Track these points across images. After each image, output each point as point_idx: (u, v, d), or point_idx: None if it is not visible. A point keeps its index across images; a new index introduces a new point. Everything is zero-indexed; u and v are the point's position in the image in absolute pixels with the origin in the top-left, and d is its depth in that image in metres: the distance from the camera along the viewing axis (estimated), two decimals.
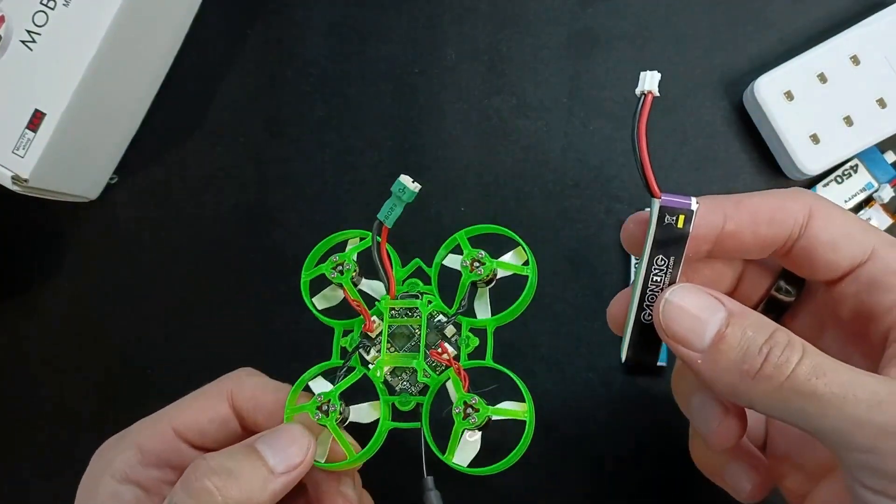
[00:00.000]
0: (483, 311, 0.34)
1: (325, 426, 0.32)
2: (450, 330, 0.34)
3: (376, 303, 0.35)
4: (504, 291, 0.35)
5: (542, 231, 0.47)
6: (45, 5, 0.40)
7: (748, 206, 0.29)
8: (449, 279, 0.34)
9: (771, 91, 0.44)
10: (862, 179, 0.46)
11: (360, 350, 0.34)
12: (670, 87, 0.48)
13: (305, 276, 0.36)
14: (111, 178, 0.48)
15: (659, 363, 0.45)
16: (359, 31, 0.49)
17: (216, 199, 0.49)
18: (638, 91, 0.27)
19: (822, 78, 0.44)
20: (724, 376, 0.27)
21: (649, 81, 0.27)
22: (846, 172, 0.46)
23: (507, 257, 0.34)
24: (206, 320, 0.47)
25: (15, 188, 0.40)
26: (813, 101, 0.44)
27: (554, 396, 0.46)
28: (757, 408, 0.27)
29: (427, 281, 0.35)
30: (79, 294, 0.48)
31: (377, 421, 0.33)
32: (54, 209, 0.48)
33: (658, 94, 0.27)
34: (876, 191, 0.46)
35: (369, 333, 0.34)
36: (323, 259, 0.36)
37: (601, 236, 0.47)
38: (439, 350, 0.33)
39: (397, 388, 0.34)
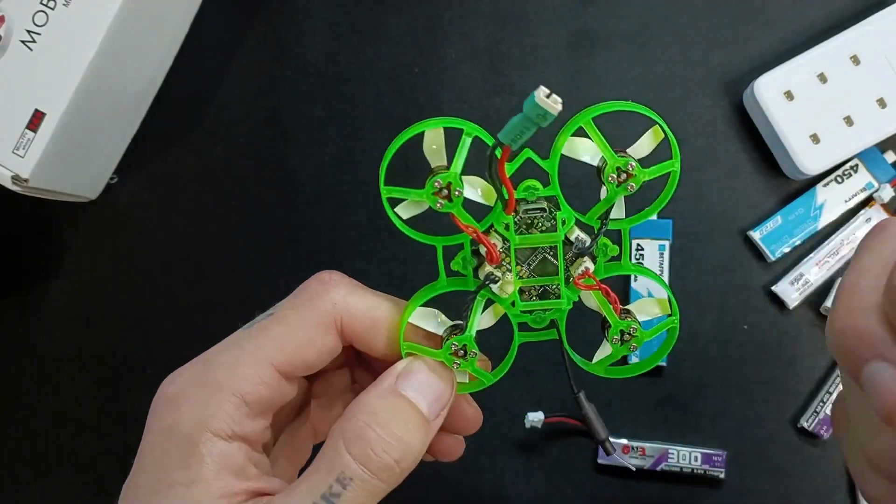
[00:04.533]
0: (615, 209, 0.29)
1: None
2: (578, 235, 0.29)
3: (493, 225, 0.28)
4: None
5: None
6: (45, 5, 0.40)
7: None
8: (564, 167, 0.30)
9: (771, 91, 0.44)
10: (862, 179, 0.46)
11: (489, 283, 0.28)
12: (670, 86, 0.48)
13: (386, 193, 0.29)
14: (111, 178, 0.48)
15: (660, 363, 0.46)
16: (359, 31, 0.49)
17: (216, 199, 0.49)
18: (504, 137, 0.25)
19: (823, 78, 0.44)
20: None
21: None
22: (846, 172, 0.46)
23: (642, 145, 0.29)
24: (206, 320, 0.47)
25: (15, 188, 0.40)
26: (813, 100, 0.44)
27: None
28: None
29: (541, 177, 0.29)
30: (78, 294, 0.48)
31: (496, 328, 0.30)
32: (54, 209, 0.48)
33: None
34: (876, 191, 0.46)
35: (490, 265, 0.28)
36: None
37: None
38: (582, 274, 0.28)
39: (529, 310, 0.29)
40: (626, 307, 0.29)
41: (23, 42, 0.40)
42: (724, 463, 0.45)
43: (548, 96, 0.25)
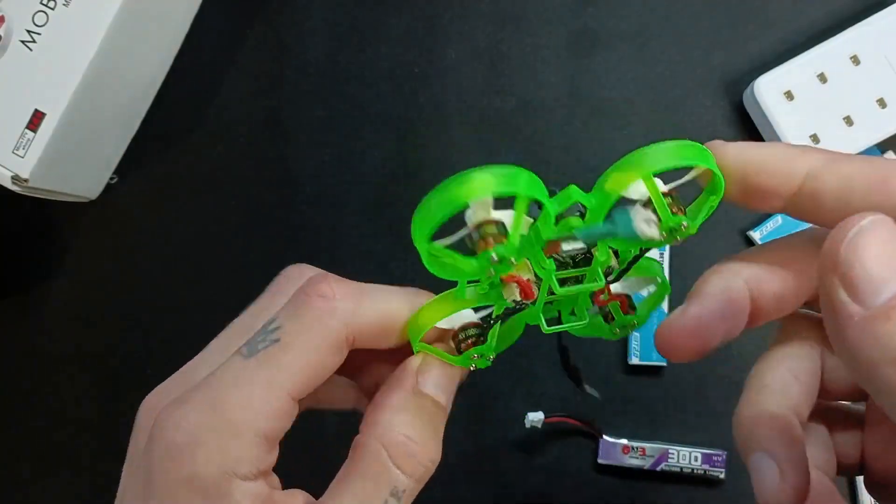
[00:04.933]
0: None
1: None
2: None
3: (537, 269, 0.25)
4: None
5: None
6: (45, 5, 0.40)
7: (843, 168, 0.24)
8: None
9: (771, 91, 0.44)
10: None
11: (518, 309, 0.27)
12: (671, 87, 0.48)
13: (427, 252, 0.24)
14: (111, 178, 0.48)
15: (658, 363, 0.46)
16: (359, 31, 0.49)
17: (216, 199, 0.49)
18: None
19: (823, 78, 0.44)
20: (875, 351, 0.20)
21: None
22: None
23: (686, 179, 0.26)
24: (206, 320, 0.47)
25: (15, 188, 0.40)
26: (813, 100, 0.44)
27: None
28: (888, 403, 0.21)
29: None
30: (78, 294, 0.48)
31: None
32: (54, 209, 0.48)
33: None
34: None
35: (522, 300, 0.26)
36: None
37: None
38: (605, 296, 0.27)
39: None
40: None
41: (23, 42, 0.40)
42: (725, 463, 0.45)
43: (647, 220, 0.23)
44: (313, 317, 0.26)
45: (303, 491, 0.27)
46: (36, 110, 0.40)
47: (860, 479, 0.44)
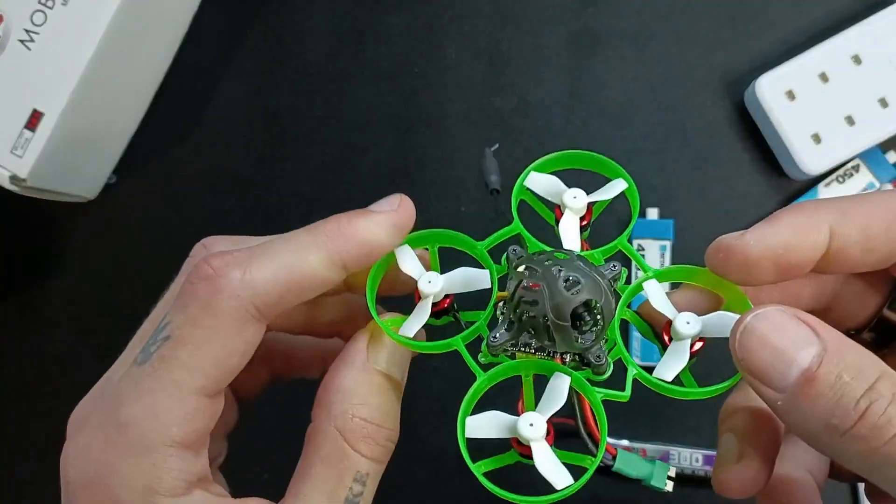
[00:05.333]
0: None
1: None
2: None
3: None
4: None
5: None
6: (44, 5, 0.40)
7: (857, 218, 0.24)
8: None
9: (772, 90, 0.44)
10: (863, 179, 0.46)
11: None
12: (671, 86, 0.47)
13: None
14: (110, 178, 0.48)
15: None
16: (359, 30, 0.49)
17: (216, 199, 0.48)
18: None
19: (824, 77, 0.44)
20: (808, 425, 0.22)
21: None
22: (848, 172, 0.46)
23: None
24: None
25: (13, 188, 0.40)
26: (814, 100, 0.44)
27: None
28: (844, 464, 0.23)
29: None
30: (77, 294, 0.48)
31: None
32: (53, 209, 0.48)
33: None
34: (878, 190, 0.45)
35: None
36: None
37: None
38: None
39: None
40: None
41: (21, 41, 0.40)
42: None
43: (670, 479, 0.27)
44: (199, 304, 0.24)
45: (259, 498, 0.25)
46: (34, 110, 0.40)
47: (861, 487, 0.44)
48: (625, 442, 0.45)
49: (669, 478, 0.28)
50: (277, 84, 0.49)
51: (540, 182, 0.28)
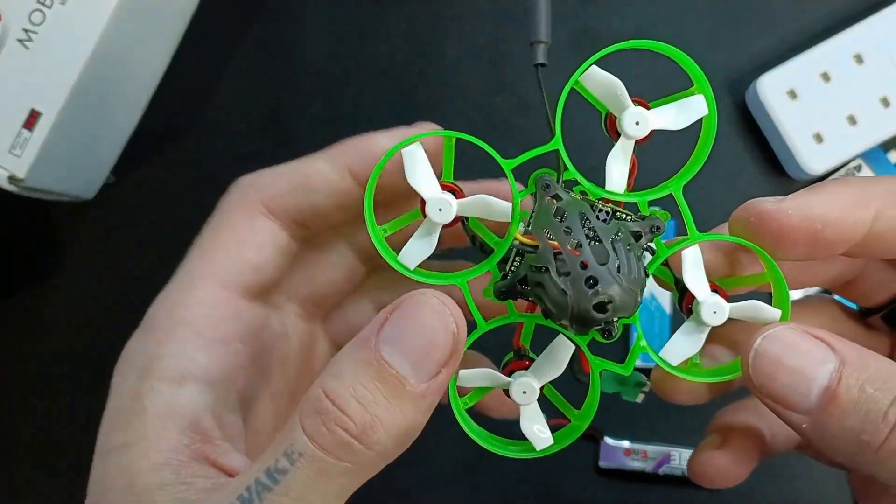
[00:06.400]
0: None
1: None
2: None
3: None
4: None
5: None
6: (42, 4, 0.40)
7: None
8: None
9: (774, 90, 0.44)
10: None
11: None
12: (672, 86, 0.47)
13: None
14: (108, 178, 0.48)
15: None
16: (358, 29, 0.49)
17: (215, 199, 0.48)
18: None
19: (826, 77, 0.44)
20: (839, 444, 0.21)
21: None
22: (849, 172, 0.45)
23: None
24: None
25: (11, 188, 0.40)
26: (816, 99, 0.44)
27: None
28: (886, 481, 0.21)
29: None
30: (75, 294, 0.48)
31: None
32: (51, 209, 0.48)
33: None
34: None
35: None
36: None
37: None
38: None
39: None
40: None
41: (19, 41, 0.40)
42: None
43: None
44: (217, 211, 0.26)
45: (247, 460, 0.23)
46: (32, 109, 0.40)
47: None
48: (626, 443, 0.45)
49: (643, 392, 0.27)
50: (277, 84, 0.49)
51: (600, 81, 0.23)
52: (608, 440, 0.45)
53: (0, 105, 0.40)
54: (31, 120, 0.40)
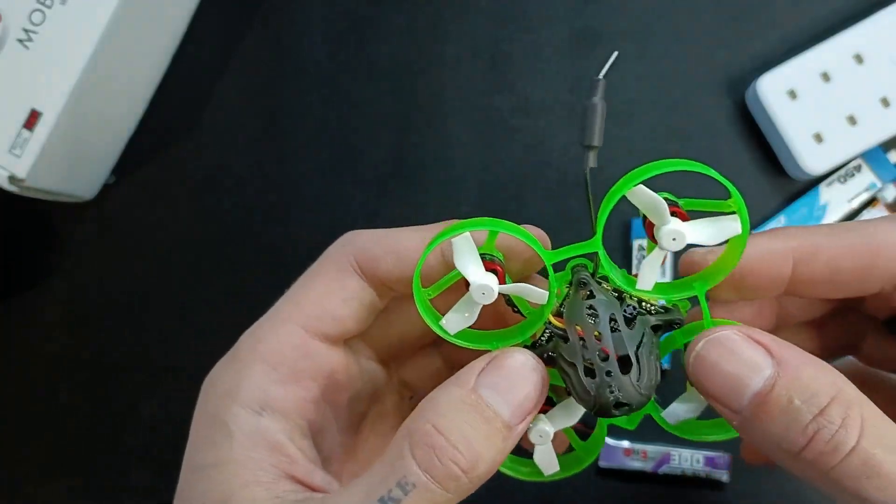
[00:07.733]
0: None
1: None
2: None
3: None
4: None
5: None
6: (43, 4, 0.40)
7: (826, 253, 0.25)
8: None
9: (774, 90, 0.44)
10: (865, 179, 0.45)
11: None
12: (672, 86, 0.47)
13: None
14: (108, 179, 0.48)
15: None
16: (359, 29, 0.48)
17: (215, 199, 0.48)
18: None
19: (826, 77, 0.44)
20: (763, 444, 0.22)
21: None
22: (849, 172, 0.45)
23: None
24: (205, 320, 0.47)
25: (11, 188, 0.40)
26: (816, 99, 0.44)
27: None
28: (804, 481, 0.23)
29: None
30: (76, 295, 0.48)
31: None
32: (51, 210, 0.48)
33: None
34: (879, 190, 0.45)
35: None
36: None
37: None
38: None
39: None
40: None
41: (19, 41, 0.40)
42: (727, 465, 0.44)
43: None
44: (324, 260, 0.27)
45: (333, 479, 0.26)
46: (32, 110, 0.40)
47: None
48: (625, 443, 0.45)
49: None
50: (277, 84, 0.49)
51: (644, 199, 0.25)
52: (608, 440, 0.45)
53: (0, 105, 0.40)
54: (32, 120, 0.40)
